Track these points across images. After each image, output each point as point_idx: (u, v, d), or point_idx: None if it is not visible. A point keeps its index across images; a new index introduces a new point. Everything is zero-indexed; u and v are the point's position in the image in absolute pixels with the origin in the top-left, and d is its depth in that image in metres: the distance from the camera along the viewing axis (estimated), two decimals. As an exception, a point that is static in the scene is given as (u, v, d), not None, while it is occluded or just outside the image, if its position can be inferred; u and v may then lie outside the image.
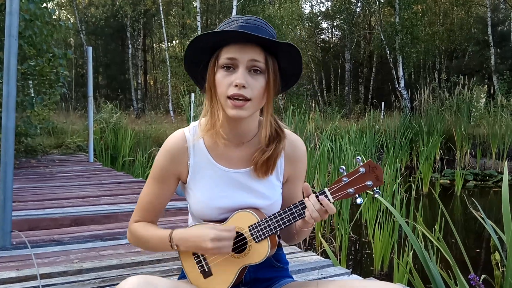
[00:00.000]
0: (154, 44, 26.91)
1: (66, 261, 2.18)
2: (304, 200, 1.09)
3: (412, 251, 2.63)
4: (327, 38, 26.07)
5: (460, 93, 11.98)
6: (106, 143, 7.97)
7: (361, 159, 1.08)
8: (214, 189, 1.18)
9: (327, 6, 24.86)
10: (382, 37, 16.95)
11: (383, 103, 14.03)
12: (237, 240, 1.14)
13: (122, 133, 8.17)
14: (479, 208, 2.41)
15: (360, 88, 22.73)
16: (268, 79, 1.09)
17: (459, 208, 6.71)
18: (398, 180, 5.00)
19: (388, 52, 16.96)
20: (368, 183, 1.06)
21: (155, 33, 24.65)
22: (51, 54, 5.66)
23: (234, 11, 14.47)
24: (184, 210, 3.26)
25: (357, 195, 1.07)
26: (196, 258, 1.18)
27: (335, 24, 24.50)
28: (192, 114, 8.68)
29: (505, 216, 1.98)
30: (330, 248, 3.13)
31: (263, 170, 1.17)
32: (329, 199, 1.07)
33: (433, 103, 12.80)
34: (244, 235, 1.13)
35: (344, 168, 1.09)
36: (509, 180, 2.07)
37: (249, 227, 1.13)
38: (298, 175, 1.25)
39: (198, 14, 16.27)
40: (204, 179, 1.18)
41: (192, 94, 9.08)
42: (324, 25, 25.71)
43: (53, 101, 6.97)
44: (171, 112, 17.13)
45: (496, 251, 2.11)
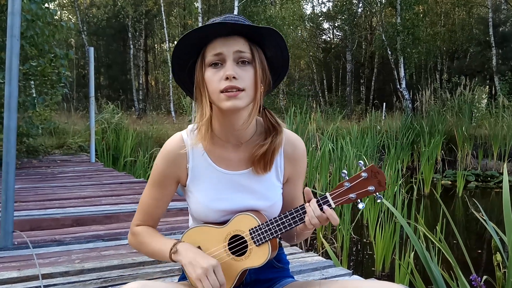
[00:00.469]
0: (156, 45, 26.96)
1: (67, 261, 2.18)
2: (304, 205, 1.09)
3: (413, 252, 2.62)
4: (328, 39, 26.08)
5: (461, 94, 11.97)
6: (107, 144, 7.98)
7: (363, 164, 1.08)
8: (214, 192, 1.17)
9: (329, 7, 24.89)
10: (384, 38, 16.94)
11: (384, 103, 14.02)
12: (238, 243, 1.14)
13: (124, 134, 8.18)
14: (481, 209, 2.41)
15: (361, 88, 22.71)
16: (255, 68, 1.09)
17: (460, 209, 6.70)
18: (400, 181, 5.00)
19: (389, 52, 16.95)
20: (370, 188, 1.05)
21: (156, 34, 24.69)
22: (52, 55, 5.67)
23: (235, 12, 14.47)
24: (185, 210, 3.27)
25: (359, 200, 1.07)
26: None
27: (336, 24, 24.50)
28: (193, 115, 8.69)
29: (507, 217, 1.97)
30: (332, 249, 3.13)
31: (261, 166, 1.16)
32: (330, 204, 1.07)
33: (434, 104, 12.79)
34: (244, 238, 1.13)
35: (346, 172, 1.09)
36: (509, 181, 2.07)
37: (250, 230, 1.12)
38: (299, 175, 1.25)
39: (200, 14, 16.27)
40: (203, 181, 1.18)
41: (194, 95, 9.06)
42: (326, 25, 25.74)
43: (54, 101, 6.98)
44: (173, 113, 17.14)
45: (498, 252, 2.11)
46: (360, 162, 1.08)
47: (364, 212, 4.94)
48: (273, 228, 1.10)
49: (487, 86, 17.67)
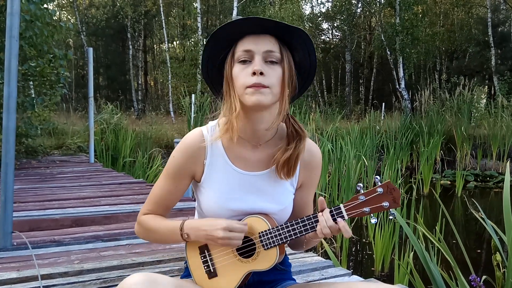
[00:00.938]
0: (155, 45, 26.95)
1: (67, 262, 2.18)
2: (317, 214, 1.09)
3: (412, 252, 2.62)
4: (327, 39, 26.08)
5: (460, 94, 11.98)
6: (106, 144, 7.98)
7: (379, 179, 1.08)
8: (227, 190, 1.17)
9: (328, 7, 24.88)
10: (383, 38, 16.95)
11: (383, 104, 14.02)
12: (246, 245, 1.14)
13: (123, 134, 8.17)
14: (480, 209, 2.41)
15: (360, 89, 22.73)
16: (283, 68, 1.09)
17: (459, 209, 6.71)
18: (399, 180, 5.01)
19: (388, 53, 16.97)
20: (385, 204, 1.05)
21: (155, 34, 24.69)
22: (51, 55, 5.67)
23: (234, 12, 14.48)
24: (185, 211, 3.26)
25: (371, 214, 1.07)
26: (202, 257, 1.18)
27: (335, 25, 24.51)
28: (192, 115, 8.68)
29: (506, 217, 1.98)
30: (331, 249, 3.13)
31: (285, 171, 1.16)
32: (343, 216, 1.07)
33: (433, 104, 12.79)
34: (253, 240, 1.13)
35: (362, 185, 1.09)
36: (510, 181, 2.07)
37: (260, 233, 1.12)
38: (312, 182, 1.25)
39: (199, 15, 16.29)
40: (218, 179, 1.18)
41: (193, 95, 9.09)
42: (325, 26, 25.75)
43: (53, 102, 6.98)
44: (172, 113, 17.14)
45: (497, 252, 2.11)
46: (377, 177, 1.08)
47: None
48: (283, 233, 1.10)
49: (486, 86, 17.70)
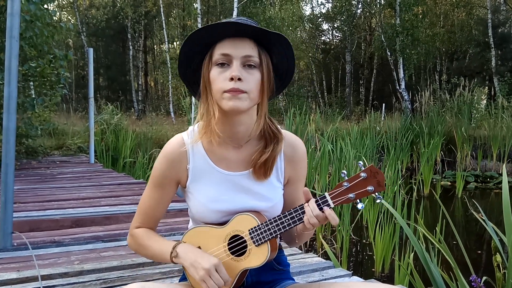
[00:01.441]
0: (155, 46, 26.96)
1: (67, 263, 2.18)
2: (303, 205, 1.08)
3: (413, 253, 2.62)
4: (327, 40, 26.09)
5: (460, 95, 11.98)
6: (106, 145, 7.98)
7: (362, 164, 1.07)
8: (214, 193, 1.17)
9: (328, 8, 24.91)
10: (383, 39, 16.95)
11: (383, 104, 14.02)
12: (237, 243, 1.13)
13: (123, 135, 8.17)
14: (480, 210, 2.41)
15: (360, 89, 22.73)
16: (262, 73, 1.09)
17: (460, 209, 6.71)
18: (399, 181, 5.00)
19: (388, 53, 16.97)
20: (369, 188, 1.05)
21: (155, 35, 24.69)
22: (52, 56, 5.67)
23: (235, 13, 14.48)
24: (185, 211, 3.26)
25: (358, 200, 1.06)
26: None
27: (335, 25, 24.50)
28: (193, 116, 8.68)
29: (506, 218, 1.97)
30: (331, 250, 3.12)
31: (261, 172, 1.16)
32: (329, 204, 1.06)
33: (433, 105, 12.79)
34: (244, 238, 1.13)
35: (346, 172, 1.08)
36: (509, 182, 2.07)
37: (249, 230, 1.12)
38: (299, 176, 1.24)
39: (199, 15, 16.29)
40: (204, 182, 1.18)
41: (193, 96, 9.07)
42: (325, 26, 25.76)
43: (54, 102, 6.98)
44: (172, 114, 17.14)
45: (497, 253, 2.11)
46: (360, 162, 1.08)
47: (364, 213, 4.94)
48: (272, 228, 1.10)
49: (486, 87, 17.69)
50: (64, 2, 22.39)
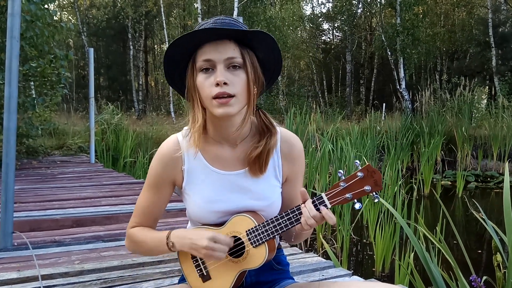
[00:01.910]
0: (155, 46, 26.96)
1: (67, 262, 2.18)
2: (300, 206, 1.08)
3: (413, 253, 2.62)
4: (328, 40, 26.09)
5: (461, 94, 11.97)
6: (107, 144, 7.98)
7: (359, 163, 1.07)
8: (210, 193, 1.17)
9: (328, 8, 24.90)
10: (383, 38, 16.95)
11: (384, 104, 14.01)
12: (235, 245, 1.13)
13: (123, 134, 8.18)
14: (480, 210, 2.41)
15: (361, 89, 22.72)
16: (247, 72, 1.08)
17: (460, 209, 6.70)
18: (400, 181, 5.00)
19: (389, 53, 16.96)
20: (367, 188, 1.04)
21: (156, 35, 24.70)
22: (52, 56, 5.68)
23: (235, 13, 14.48)
24: (185, 211, 3.26)
25: (355, 200, 1.06)
26: (194, 261, 1.18)
27: (336, 25, 24.51)
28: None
29: (507, 218, 1.98)
30: (331, 250, 3.12)
31: (257, 167, 1.15)
32: (326, 205, 1.06)
33: (434, 104, 12.78)
34: (242, 239, 1.13)
35: (343, 172, 1.07)
36: (510, 181, 2.07)
37: (247, 231, 1.12)
38: (297, 174, 1.24)
39: (199, 15, 16.29)
40: (200, 183, 1.18)
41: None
42: (325, 26, 25.75)
43: (54, 102, 6.98)
44: (172, 113, 17.14)
45: (498, 253, 2.11)
46: (357, 161, 1.07)
47: (364, 212, 4.94)
48: (270, 229, 1.10)
49: (487, 87, 17.69)
50: (64, 2, 22.40)
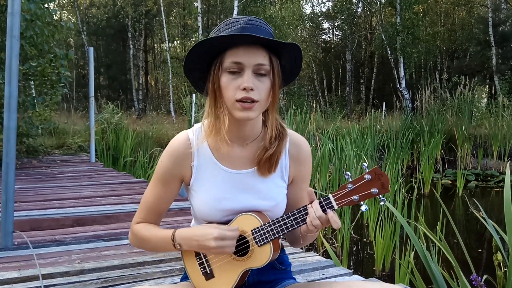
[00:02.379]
0: (155, 45, 26.95)
1: (68, 262, 2.18)
2: (307, 206, 1.08)
3: (413, 252, 2.63)
4: (328, 39, 26.09)
5: (461, 93, 11.97)
6: (107, 144, 7.98)
7: (367, 166, 1.07)
8: (218, 191, 1.17)
9: (328, 7, 24.87)
10: (383, 38, 16.94)
11: (384, 103, 14.00)
12: (240, 243, 1.13)
13: (124, 134, 8.17)
14: (481, 209, 2.41)
15: (361, 88, 22.72)
16: (273, 80, 1.09)
17: (460, 208, 6.71)
18: (400, 180, 5.00)
19: (389, 52, 16.95)
20: (374, 190, 1.04)
21: (156, 34, 24.68)
22: (52, 55, 5.68)
23: (235, 12, 14.48)
24: (186, 210, 3.27)
25: (361, 202, 1.06)
26: (198, 259, 1.18)
27: (336, 24, 24.50)
28: (193, 115, 8.68)
29: (507, 216, 1.97)
30: (332, 249, 3.13)
31: (266, 168, 1.16)
32: (332, 206, 1.06)
33: (434, 104, 12.78)
34: (246, 238, 1.13)
35: (350, 174, 1.07)
36: (510, 180, 2.07)
37: (252, 230, 1.12)
38: (304, 176, 1.24)
39: (199, 14, 16.29)
40: (208, 180, 1.18)
41: (193, 95, 9.07)
42: (325, 25, 25.75)
43: (54, 101, 6.99)
44: (172, 113, 17.14)
45: (498, 252, 2.11)
46: (364, 164, 1.08)
47: (364, 212, 4.93)
48: (275, 228, 1.10)
49: (487, 86, 17.70)
50: (64, 1, 22.38)
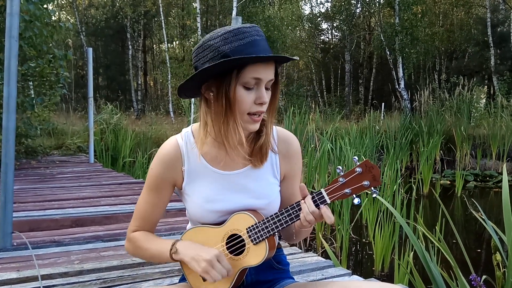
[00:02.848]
0: (154, 45, 26.94)
1: (67, 262, 2.18)
2: (300, 202, 1.08)
3: (412, 252, 2.62)
4: (327, 39, 26.08)
5: (460, 94, 11.99)
6: (106, 144, 7.98)
7: (357, 159, 1.07)
8: (210, 193, 1.17)
9: (327, 7, 24.90)
10: (382, 38, 16.95)
11: (383, 104, 14.02)
12: (235, 242, 1.14)
13: (123, 134, 8.17)
14: (480, 209, 2.41)
15: (360, 89, 22.74)
16: (276, 91, 1.14)
17: (459, 208, 6.71)
18: (399, 180, 5.00)
19: (388, 53, 16.97)
20: (365, 183, 1.04)
21: (155, 34, 24.67)
22: (51, 55, 5.67)
23: (234, 12, 14.47)
24: (184, 211, 3.26)
25: (354, 195, 1.06)
26: None
27: (335, 25, 24.51)
28: (192, 115, 8.68)
29: (506, 217, 1.98)
30: (331, 249, 3.13)
31: (258, 158, 1.17)
32: (325, 200, 1.06)
33: (433, 104, 12.80)
34: (242, 237, 1.13)
35: (341, 168, 1.08)
36: (508, 180, 2.07)
37: (247, 229, 1.12)
38: (295, 172, 1.25)
39: (198, 15, 16.28)
40: (200, 183, 1.18)
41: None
42: (324, 26, 25.76)
43: (53, 102, 6.99)
44: (171, 113, 17.14)
45: (497, 252, 2.11)
46: (355, 157, 1.08)
47: (363, 212, 4.94)
48: (270, 226, 1.10)
49: (486, 86, 17.71)
50: (63, 2, 22.36)
